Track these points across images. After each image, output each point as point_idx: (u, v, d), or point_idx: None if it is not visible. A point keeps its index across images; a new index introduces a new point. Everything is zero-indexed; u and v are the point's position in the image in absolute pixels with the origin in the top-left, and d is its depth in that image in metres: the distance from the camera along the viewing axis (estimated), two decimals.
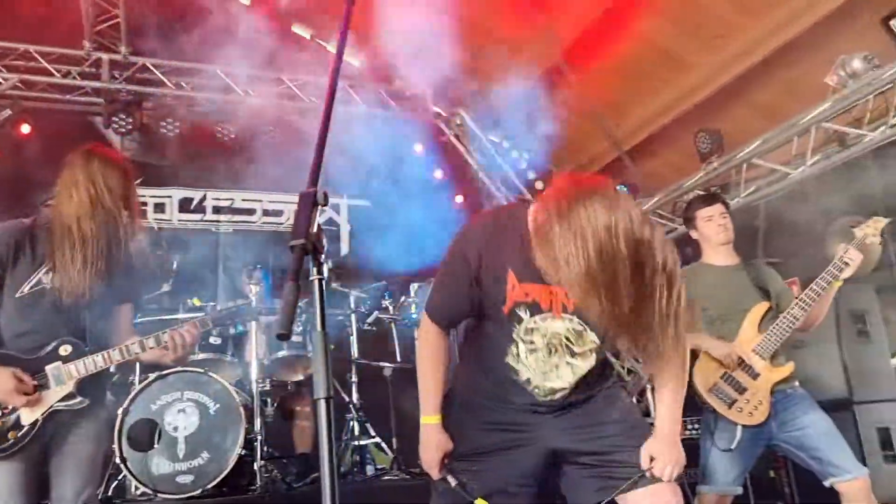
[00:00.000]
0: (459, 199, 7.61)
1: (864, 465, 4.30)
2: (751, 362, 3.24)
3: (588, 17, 5.79)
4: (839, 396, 4.87)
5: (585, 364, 2.00)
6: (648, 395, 5.84)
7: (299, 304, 4.21)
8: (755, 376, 3.24)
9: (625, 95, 6.65)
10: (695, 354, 3.32)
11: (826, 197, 6.07)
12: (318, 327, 1.19)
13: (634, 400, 6.00)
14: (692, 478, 4.51)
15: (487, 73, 7.11)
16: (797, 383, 3.35)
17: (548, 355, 1.98)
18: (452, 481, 2.04)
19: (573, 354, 1.98)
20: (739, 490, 3.27)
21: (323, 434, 1.15)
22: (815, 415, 3.21)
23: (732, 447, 3.20)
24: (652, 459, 1.97)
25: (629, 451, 1.99)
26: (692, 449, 4.41)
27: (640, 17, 5.80)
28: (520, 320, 1.97)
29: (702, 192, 3.87)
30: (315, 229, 1.19)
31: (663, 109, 6.44)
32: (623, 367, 6.75)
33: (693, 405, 5.05)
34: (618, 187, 6.20)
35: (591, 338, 1.97)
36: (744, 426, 3.20)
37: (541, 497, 2.12)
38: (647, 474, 1.96)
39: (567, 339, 1.96)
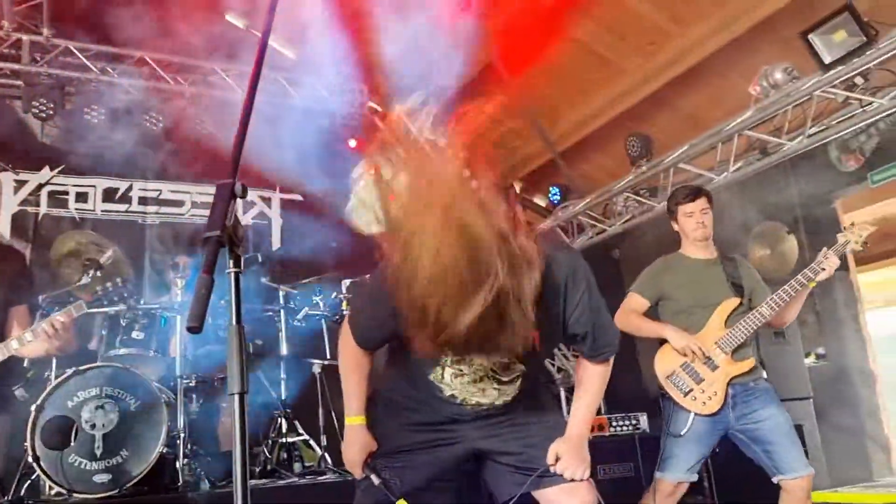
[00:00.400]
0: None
1: None
2: (711, 355, 3.31)
3: (523, 20, 5.84)
4: None
5: (512, 388, 2.03)
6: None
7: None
8: (714, 368, 3.31)
9: (558, 98, 6.75)
10: (660, 342, 3.44)
11: (746, 202, 6.30)
12: (234, 321, 1.17)
13: (564, 396, 6.10)
14: (619, 472, 4.64)
15: (422, 71, 7.11)
16: (764, 376, 3.43)
17: (474, 381, 1.99)
18: (376, 479, 2.03)
19: (500, 382, 2.00)
20: (695, 478, 3.35)
21: (236, 430, 1.13)
22: (773, 409, 3.28)
23: (682, 432, 3.27)
24: (558, 459, 2.00)
25: (547, 450, 2.03)
26: (616, 445, 4.53)
27: (576, 22, 5.89)
28: (447, 353, 1.95)
29: (686, 186, 3.80)
30: (231, 221, 1.16)
31: (595, 113, 6.56)
32: (553, 366, 6.86)
33: (621, 404, 5.19)
34: (550, 189, 6.28)
35: (519, 367, 1.99)
36: (696, 414, 3.28)
37: (462, 492, 2.15)
38: (551, 471, 2.00)
39: (493, 370, 1.98)
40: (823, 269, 3.29)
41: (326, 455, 4.69)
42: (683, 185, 3.98)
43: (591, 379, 2.14)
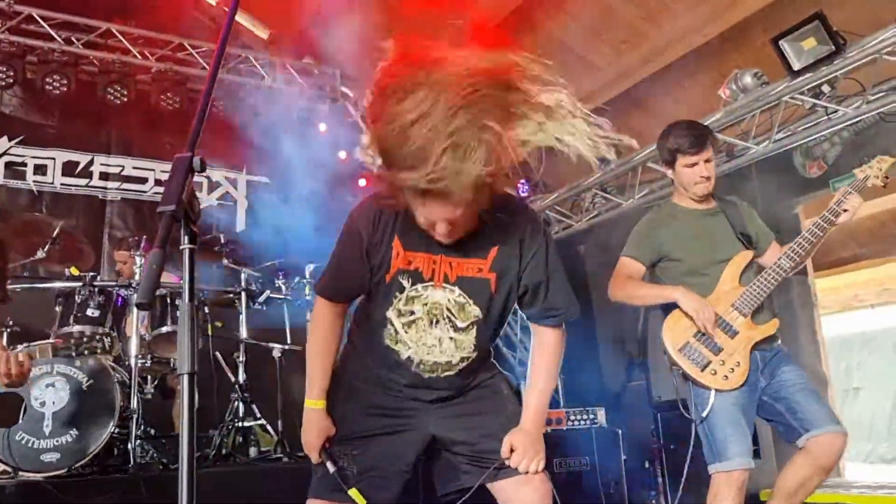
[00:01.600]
0: (362, 181, 7.53)
1: None
2: (728, 319, 2.82)
3: (499, 12, 5.83)
4: None
5: (468, 339, 2.00)
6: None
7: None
8: (733, 335, 2.82)
9: None
10: (668, 310, 2.93)
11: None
12: (186, 299, 1.13)
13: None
14: (575, 466, 4.68)
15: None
16: (779, 342, 2.99)
17: (429, 326, 1.97)
18: (331, 467, 2.01)
19: (456, 329, 1.98)
20: (751, 465, 2.77)
21: (184, 411, 1.10)
22: (795, 368, 2.90)
23: (704, 415, 2.78)
24: (512, 450, 2.00)
25: (501, 441, 2.02)
26: (573, 439, 4.56)
27: (551, 17, 5.90)
28: (402, 289, 1.95)
29: (689, 128, 3.07)
30: (188, 196, 1.13)
31: None
32: (514, 358, 6.89)
33: (580, 398, 5.23)
34: (519, 183, 6.27)
35: (474, 311, 1.98)
36: (717, 391, 2.77)
37: (415, 483, 2.14)
38: (506, 464, 1.99)
39: (449, 310, 1.96)
40: (846, 210, 2.85)
41: (284, 440, 4.64)
42: (684, 125, 3.15)
43: (544, 354, 2.09)
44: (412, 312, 1.96)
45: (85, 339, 4.22)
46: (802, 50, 4.41)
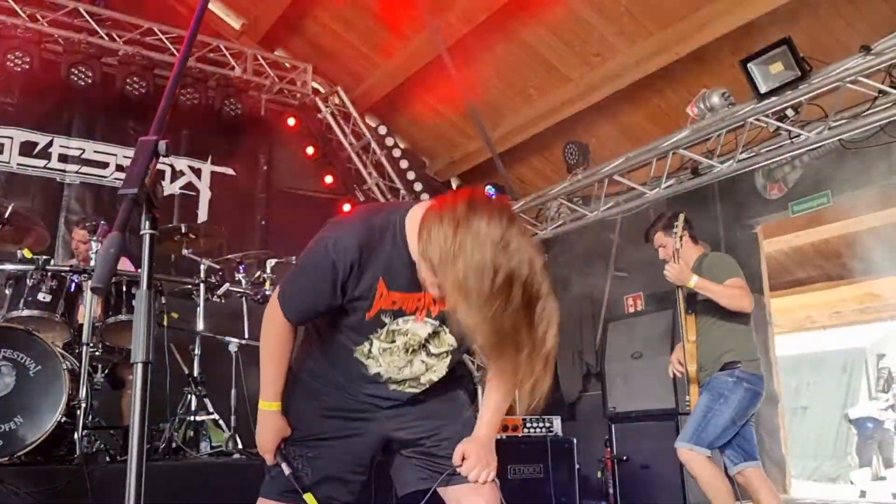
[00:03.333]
0: (329, 178, 7.48)
1: (682, 470, 4.64)
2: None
3: (476, 17, 5.84)
4: (667, 407, 5.21)
5: (441, 364, 1.99)
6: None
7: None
8: None
9: (502, 99, 6.79)
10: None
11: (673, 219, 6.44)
12: (144, 286, 1.10)
13: (481, 392, 6.13)
14: (529, 473, 4.70)
15: (372, 57, 7.04)
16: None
17: (404, 353, 1.95)
18: (286, 469, 1.98)
19: (429, 354, 1.96)
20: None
21: (136, 401, 1.06)
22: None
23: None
24: (465, 458, 1.99)
25: (454, 448, 2.01)
26: (528, 447, 4.57)
27: (525, 25, 5.93)
28: (382, 325, 1.90)
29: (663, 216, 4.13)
30: (151, 180, 1.10)
31: (537, 118, 6.63)
32: (473, 363, 6.89)
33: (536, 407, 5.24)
34: (487, 188, 6.27)
35: (449, 340, 1.96)
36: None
37: (368, 484, 2.11)
38: (458, 472, 1.98)
39: (426, 339, 1.94)
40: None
41: (237, 436, 4.57)
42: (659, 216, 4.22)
43: (503, 376, 2.11)
44: (392, 342, 1.93)
45: (35, 325, 4.09)
46: (769, 73, 4.51)
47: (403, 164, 7.42)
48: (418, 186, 7.42)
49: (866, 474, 8.44)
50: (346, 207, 7.34)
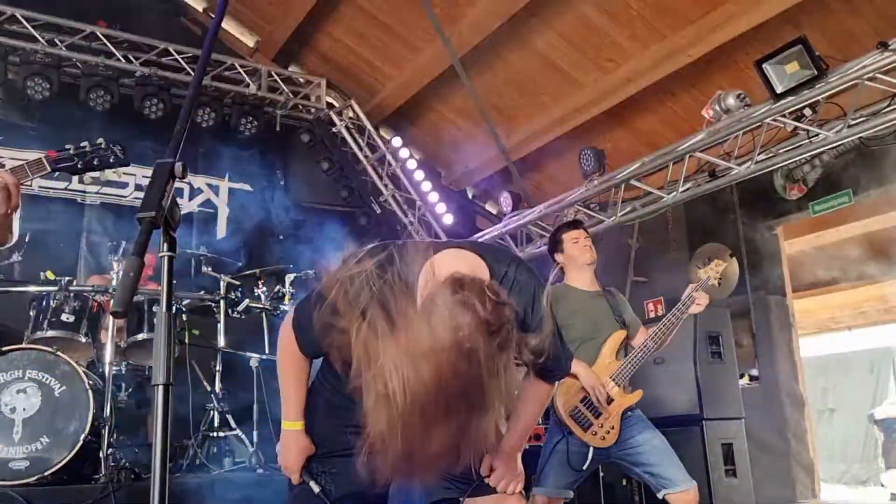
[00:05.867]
0: (345, 193, 7.51)
1: (708, 477, 4.58)
2: (607, 389, 3.37)
3: (488, 25, 5.86)
4: (691, 412, 5.15)
5: None
6: None
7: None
8: (610, 402, 3.37)
9: (515, 107, 6.79)
10: None
11: (692, 223, 6.42)
12: (164, 308, 1.11)
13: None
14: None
15: (384, 69, 7.08)
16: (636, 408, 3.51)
17: None
18: (315, 487, 1.98)
19: None
20: (570, 495, 3.38)
21: (158, 423, 1.07)
22: (648, 434, 3.37)
23: (584, 468, 3.33)
24: (492, 469, 1.98)
25: (479, 459, 2.00)
26: (534, 458, 4.54)
27: (538, 33, 5.93)
28: None
29: (567, 220, 4.21)
30: (169, 202, 1.10)
31: (551, 125, 6.62)
32: None
33: None
34: (503, 195, 6.26)
35: None
36: (594, 448, 3.34)
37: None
38: (487, 483, 1.98)
39: None
40: (698, 305, 3.39)
41: (259, 451, 4.59)
42: (563, 222, 4.27)
43: (535, 397, 2.11)
44: None
45: (59, 345, 4.14)
46: (785, 73, 4.46)
47: (419, 175, 7.43)
48: (434, 197, 7.43)
49: None
50: (363, 220, 7.39)
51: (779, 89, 4.51)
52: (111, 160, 2.72)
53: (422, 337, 1.29)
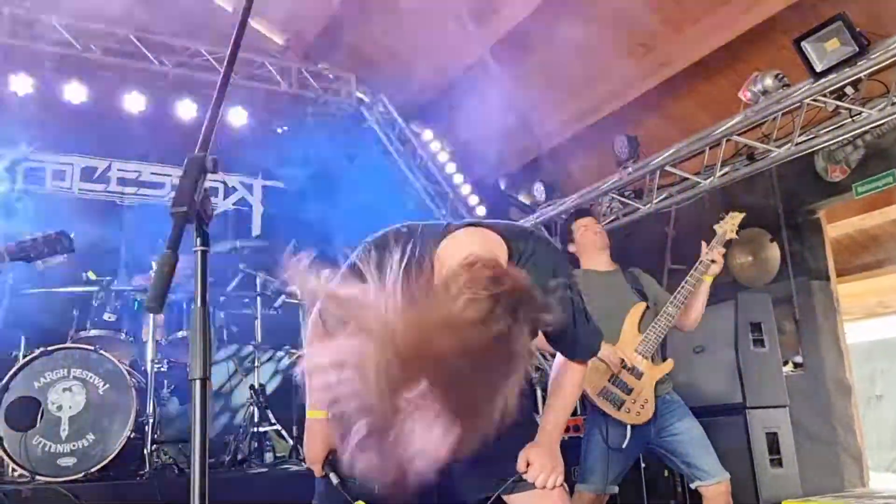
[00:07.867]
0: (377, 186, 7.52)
1: (752, 466, 4.50)
2: (634, 363, 3.34)
3: (519, 13, 5.80)
4: (734, 401, 5.06)
5: None
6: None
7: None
8: (639, 375, 3.33)
9: (547, 95, 6.72)
10: None
11: (731, 208, 6.27)
12: (198, 303, 1.10)
13: (540, 395, 6.07)
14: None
15: (413, 63, 7.06)
16: (671, 388, 3.48)
17: None
18: (334, 479, 1.97)
19: None
20: (615, 489, 3.35)
21: (195, 418, 1.07)
22: (688, 422, 3.34)
23: (624, 446, 3.28)
24: (529, 464, 1.94)
25: (516, 454, 1.96)
26: (573, 449, 4.51)
27: (569, 21, 5.85)
28: None
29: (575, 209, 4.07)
30: (200, 197, 1.10)
31: (584, 112, 6.53)
32: (532, 365, 6.83)
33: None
34: (537, 184, 6.21)
35: None
36: (632, 426, 3.29)
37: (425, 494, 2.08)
38: (525, 478, 1.93)
39: None
40: (713, 262, 3.40)
41: (299, 446, 4.62)
42: (572, 211, 4.31)
43: (569, 380, 2.07)
44: None
45: (101, 344, 4.22)
46: (825, 51, 4.34)
47: (450, 167, 7.41)
48: (466, 189, 7.40)
49: None
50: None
51: (819, 68, 4.38)
52: (57, 248, 3.04)
53: (435, 312, 1.25)
